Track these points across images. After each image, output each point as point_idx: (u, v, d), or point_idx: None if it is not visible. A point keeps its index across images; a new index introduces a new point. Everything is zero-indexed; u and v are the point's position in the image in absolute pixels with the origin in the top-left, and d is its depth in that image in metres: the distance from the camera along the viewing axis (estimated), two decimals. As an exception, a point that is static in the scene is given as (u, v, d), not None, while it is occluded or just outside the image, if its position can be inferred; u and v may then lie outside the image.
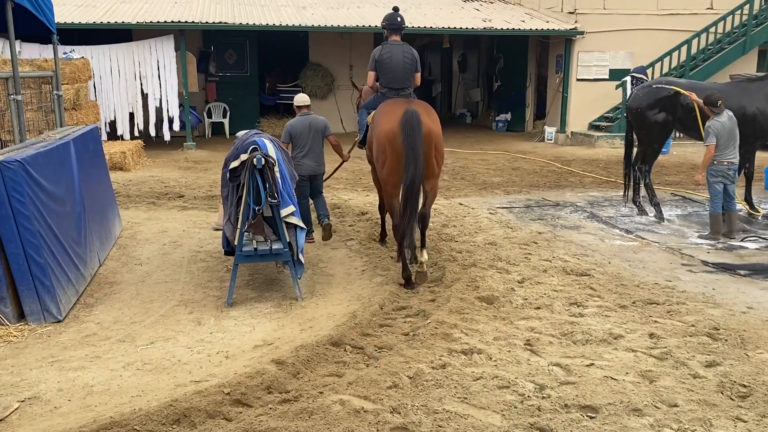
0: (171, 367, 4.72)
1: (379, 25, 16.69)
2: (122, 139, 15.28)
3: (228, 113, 18.64)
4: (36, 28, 8.10)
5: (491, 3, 20.64)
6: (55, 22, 8.49)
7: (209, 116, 18.76)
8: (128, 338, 5.27)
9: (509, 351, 4.80)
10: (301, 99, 8.32)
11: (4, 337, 5.24)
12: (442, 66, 27.14)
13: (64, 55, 13.56)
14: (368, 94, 7.98)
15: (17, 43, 14.21)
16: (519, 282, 6.33)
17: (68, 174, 6.62)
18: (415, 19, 17.71)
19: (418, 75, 7.48)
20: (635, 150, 9.68)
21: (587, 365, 4.58)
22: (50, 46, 12.77)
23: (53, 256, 5.69)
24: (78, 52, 14.44)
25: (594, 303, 5.82)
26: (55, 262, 5.70)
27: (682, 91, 8.91)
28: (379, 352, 4.91)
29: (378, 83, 7.53)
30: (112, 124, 15.57)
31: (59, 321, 5.55)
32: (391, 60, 7.33)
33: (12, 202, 5.36)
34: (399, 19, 7.64)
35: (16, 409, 4.10)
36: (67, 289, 5.90)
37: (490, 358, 4.67)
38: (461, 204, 10.01)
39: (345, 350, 4.92)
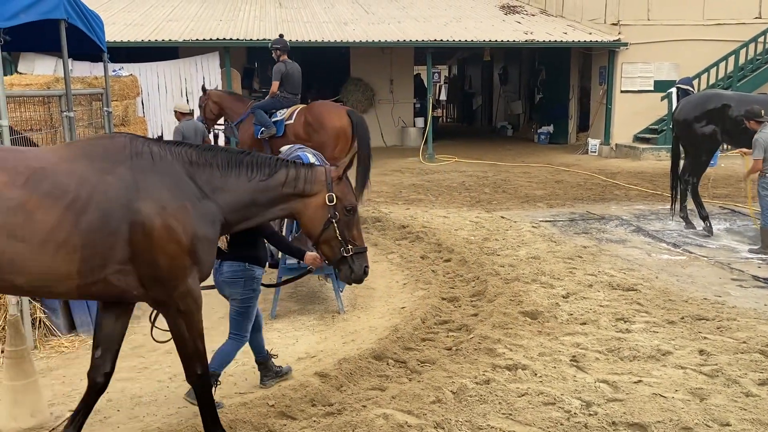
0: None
1: (419, 39, 16.79)
2: (168, 154, 15.58)
3: (271, 128, 18.89)
4: (87, 47, 8.33)
5: (533, 16, 20.56)
6: (106, 40, 8.74)
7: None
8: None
9: (555, 367, 4.74)
10: (182, 106, 10.46)
11: (56, 348, 5.38)
12: (482, 79, 27.11)
13: (113, 73, 13.93)
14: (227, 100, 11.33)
15: (69, 62, 14.72)
16: (564, 297, 6.25)
17: (118, 188, 6.78)
18: (455, 32, 17.75)
19: None
20: (682, 162, 9.50)
21: (635, 382, 4.49)
22: (100, 64, 13.13)
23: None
24: (127, 69, 14.81)
25: (641, 318, 5.71)
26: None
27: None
28: (422, 366, 4.90)
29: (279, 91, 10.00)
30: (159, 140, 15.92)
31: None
32: (294, 73, 10.12)
33: (65, 216, 5.51)
34: (287, 43, 10.60)
35: (67, 418, 4.20)
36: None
37: (535, 374, 4.61)
38: (503, 217, 9.95)
39: (387, 364, 4.92)
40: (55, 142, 8.64)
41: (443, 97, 31.39)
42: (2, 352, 5.07)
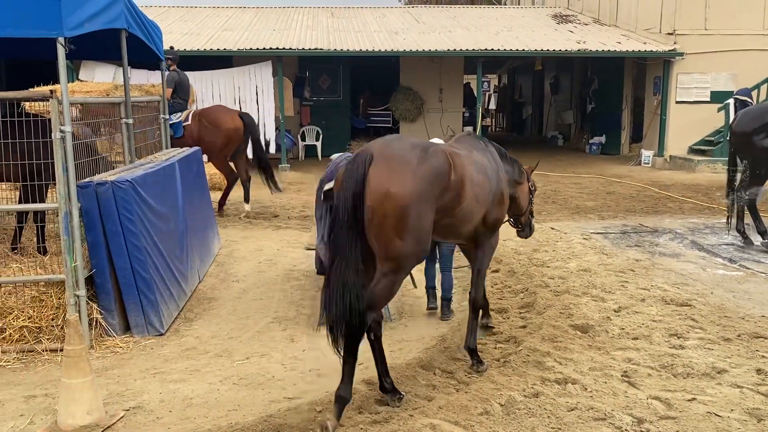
0: (266, 383, 4.85)
1: (470, 48, 16.74)
2: (221, 161, 15.89)
3: (321, 136, 19.11)
4: (146, 56, 8.57)
5: (585, 25, 20.31)
6: (163, 49, 8.98)
7: (303, 139, 19.28)
8: (225, 353, 5.45)
9: (605, 382, 4.65)
10: None
11: (111, 348, 5.52)
12: (533, 88, 26.89)
13: (169, 81, 14.28)
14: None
15: (127, 70, 15.15)
16: (615, 311, 6.13)
17: (173, 193, 6.96)
18: (507, 42, 17.67)
19: None
20: (739, 175, 9.24)
21: (689, 400, 4.37)
22: (157, 72, 13.51)
23: (158, 272, 5.98)
24: (182, 77, 15.18)
25: (696, 335, 5.56)
26: (159, 278, 5.98)
27: None
28: (470, 377, 4.87)
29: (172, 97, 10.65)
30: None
31: (161, 334, 5.80)
32: (184, 81, 11.20)
33: (122, 220, 5.67)
34: (177, 53, 11.61)
35: (121, 417, 4.31)
36: (169, 303, 6.17)
37: (585, 389, 4.54)
38: (553, 228, 9.83)
39: (434, 373, 4.91)
40: (113, 147, 8.89)
41: (492, 106, 31.23)
42: (61, 351, 5.25)
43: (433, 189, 4.12)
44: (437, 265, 6.50)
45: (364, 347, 5.57)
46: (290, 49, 16.30)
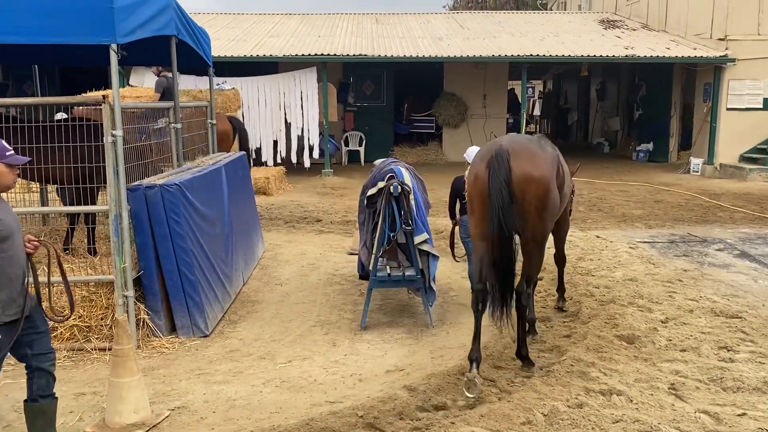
0: (307, 387, 4.88)
1: (515, 54, 16.63)
2: (266, 166, 16.10)
3: (364, 141, 19.18)
4: (194, 62, 8.74)
5: (634, 30, 19.97)
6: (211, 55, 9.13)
7: (346, 144, 19.39)
8: (268, 356, 5.51)
9: (652, 394, 4.55)
10: None
11: (158, 348, 5.63)
12: (578, 94, 26.54)
13: (217, 86, 14.54)
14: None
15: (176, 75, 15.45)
16: (662, 322, 5.99)
17: (219, 197, 7.07)
18: (552, 47, 17.49)
19: None
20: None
21: (739, 415, 4.25)
22: (205, 78, 13.76)
23: (203, 274, 6.08)
24: (229, 83, 15.43)
25: (746, 348, 5.40)
26: (204, 280, 6.08)
27: None
28: (512, 385, 4.82)
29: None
30: (258, 151, 16.45)
31: (206, 336, 5.89)
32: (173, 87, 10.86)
33: (170, 223, 5.79)
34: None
35: (167, 416, 4.39)
36: (214, 305, 6.27)
37: (631, 401, 4.44)
38: (598, 237, 9.67)
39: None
40: (162, 152, 9.07)
41: (537, 112, 30.93)
42: (109, 350, 5.37)
43: (553, 171, 5.02)
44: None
45: (406, 351, 5.58)
46: (335, 55, 16.42)
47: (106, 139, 5.33)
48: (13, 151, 3.66)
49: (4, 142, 3.70)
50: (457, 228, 6.95)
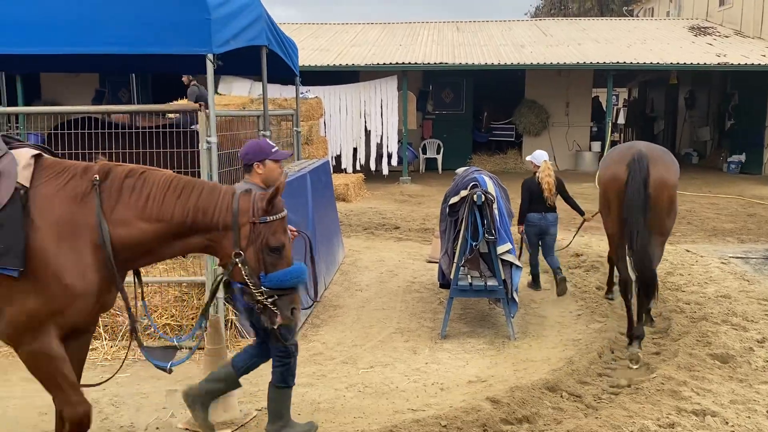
0: (389, 393, 4.91)
1: (600, 61, 16.26)
2: (345, 172, 16.33)
3: (442, 149, 19.16)
4: (281, 71, 8.95)
5: (726, 37, 19.20)
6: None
7: (424, 152, 19.42)
8: (350, 360, 5.57)
9: (749, 417, 4.35)
10: None
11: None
12: (666, 102, 25.66)
13: (301, 95, 14.85)
14: None
15: (261, 84, 15.87)
16: (759, 341, 5.72)
17: (304, 203, 7.22)
18: (639, 54, 17.03)
19: None
20: None
21: None
22: (289, 87, 14.07)
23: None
24: (312, 92, 15.74)
25: None
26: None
27: None
28: (599, 402, 4.70)
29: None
30: (338, 159, 16.71)
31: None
32: (204, 95, 10.51)
33: (258, 227, 5.93)
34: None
35: (254, 416, 4.51)
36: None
37: (726, 423, 4.26)
38: (688, 251, 9.32)
39: (561, 396, 4.78)
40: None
41: (621, 120, 30.09)
42: (200, 349, 5.55)
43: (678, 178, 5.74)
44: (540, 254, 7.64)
45: (487, 362, 5.53)
46: (416, 63, 16.51)
47: (201, 145, 5.53)
48: (277, 148, 4.08)
49: (268, 140, 4.11)
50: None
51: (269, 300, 3.29)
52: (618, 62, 16.39)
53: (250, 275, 3.27)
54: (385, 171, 16.92)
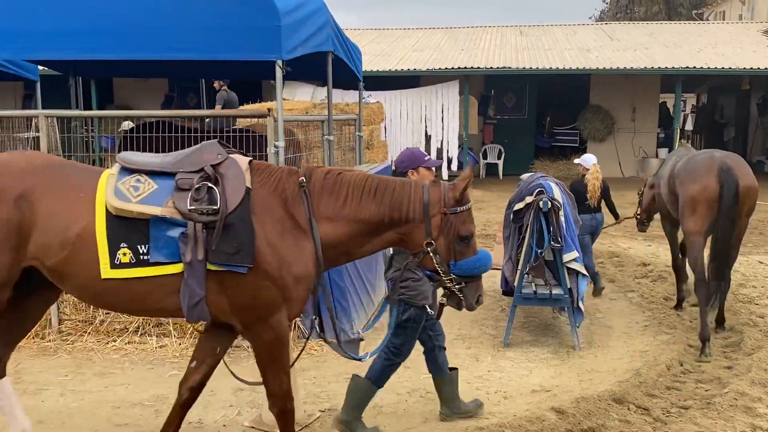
0: (452, 400, 4.88)
1: (669, 66, 15.84)
2: (405, 177, 16.33)
3: (503, 155, 18.98)
4: (345, 76, 9.04)
5: (804, 39, 18.44)
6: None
7: (485, 157, 19.28)
8: (412, 365, 5.54)
9: (829, 438, 4.16)
10: None
11: (307, 350, 5.85)
12: (736, 108, 24.80)
13: (362, 100, 14.96)
14: None
15: (324, 89, 16.05)
16: (838, 358, 5.46)
17: (366, 208, 7.25)
18: (710, 59, 16.52)
19: None
20: None
21: None
22: (350, 92, 14.21)
23: (351, 281, 6.26)
24: (374, 97, 15.83)
25: None
26: (352, 287, 6.26)
27: None
28: (668, 416, 4.57)
29: None
30: (397, 163, 16.74)
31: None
32: (233, 100, 12.12)
33: (322, 231, 6.01)
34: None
35: (317, 417, 4.56)
36: (360, 312, 6.43)
37: (806, 443, 4.08)
38: (761, 262, 8.98)
39: (629, 409, 4.67)
40: (310, 163, 9.48)
41: (689, 126, 29.21)
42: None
43: None
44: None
45: (551, 372, 5.45)
46: (478, 68, 16.41)
47: (269, 149, 5.63)
48: (429, 156, 4.36)
49: (421, 149, 4.36)
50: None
51: (457, 287, 3.49)
52: (687, 67, 15.92)
53: (441, 263, 3.45)
54: (445, 176, 16.84)
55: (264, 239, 3.29)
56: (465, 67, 16.42)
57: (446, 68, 16.45)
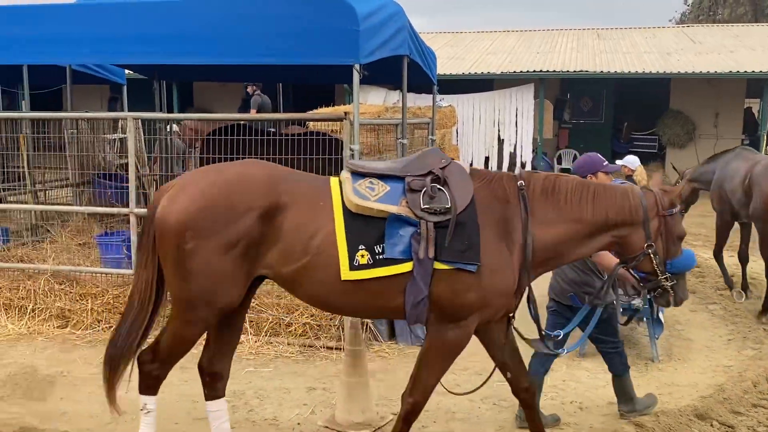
0: (526, 408, 4.81)
1: (756, 70, 15.18)
2: (477, 181, 16.20)
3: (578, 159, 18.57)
4: (419, 80, 9.05)
5: None
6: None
7: (559, 162, 18.92)
8: (484, 372, 5.47)
9: None
10: None
11: (378, 353, 5.89)
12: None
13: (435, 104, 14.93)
14: None
15: (396, 93, 16.12)
16: None
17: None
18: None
19: None
20: None
21: None
22: (422, 95, 14.21)
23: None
24: (446, 100, 15.79)
25: None
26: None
27: None
28: (754, 435, 4.38)
29: None
30: (469, 167, 16.61)
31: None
32: (266, 104, 12.42)
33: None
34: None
35: (389, 420, 4.56)
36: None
37: None
38: None
39: (711, 425, 4.50)
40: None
41: (775, 133, 27.87)
42: (336, 349, 5.72)
43: None
44: None
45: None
46: (554, 71, 16.15)
47: (345, 152, 5.70)
48: (606, 162, 4.56)
49: (599, 155, 4.55)
50: None
51: (670, 284, 3.66)
52: (776, 70, 15.23)
53: (660, 263, 3.61)
54: (518, 181, 16.65)
55: (485, 240, 3.39)
56: (540, 71, 16.18)
57: (521, 71, 16.26)
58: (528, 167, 16.60)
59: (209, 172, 3.67)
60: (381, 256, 3.37)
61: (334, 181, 3.59)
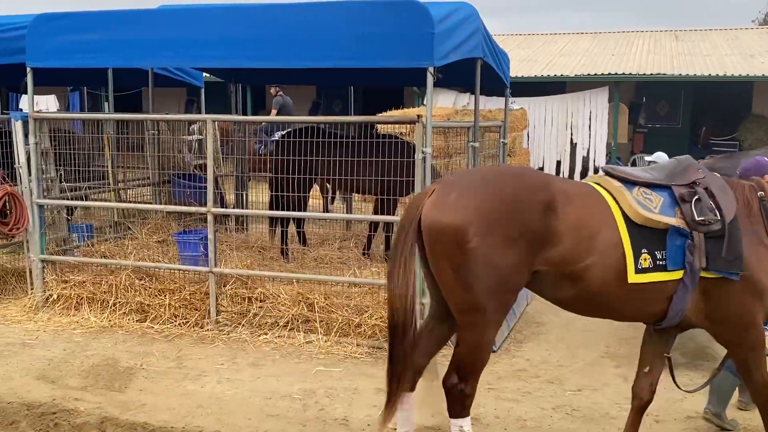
0: (599, 419, 4.70)
1: None
2: (547, 186, 15.94)
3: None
4: (491, 82, 8.96)
5: None
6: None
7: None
8: (556, 380, 5.42)
9: None
10: None
11: (447, 357, 5.84)
12: None
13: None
14: None
15: (466, 96, 16.04)
16: None
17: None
18: None
19: None
20: None
21: None
22: (493, 98, 14.07)
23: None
24: (518, 103, 15.60)
25: None
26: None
27: None
28: None
29: None
30: (540, 171, 16.37)
31: (494, 351, 5.98)
32: (288, 104, 13.13)
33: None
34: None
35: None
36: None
37: None
38: None
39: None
40: (449, 169, 9.45)
41: None
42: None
43: None
44: None
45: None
46: (630, 74, 15.74)
47: (417, 155, 5.70)
48: None
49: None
50: None
51: None
52: None
53: None
54: (591, 186, 16.29)
55: (746, 247, 3.56)
56: (615, 73, 15.80)
57: (595, 74, 15.91)
58: (601, 172, 16.23)
59: (470, 173, 3.89)
60: (660, 262, 3.53)
61: (594, 183, 3.75)
